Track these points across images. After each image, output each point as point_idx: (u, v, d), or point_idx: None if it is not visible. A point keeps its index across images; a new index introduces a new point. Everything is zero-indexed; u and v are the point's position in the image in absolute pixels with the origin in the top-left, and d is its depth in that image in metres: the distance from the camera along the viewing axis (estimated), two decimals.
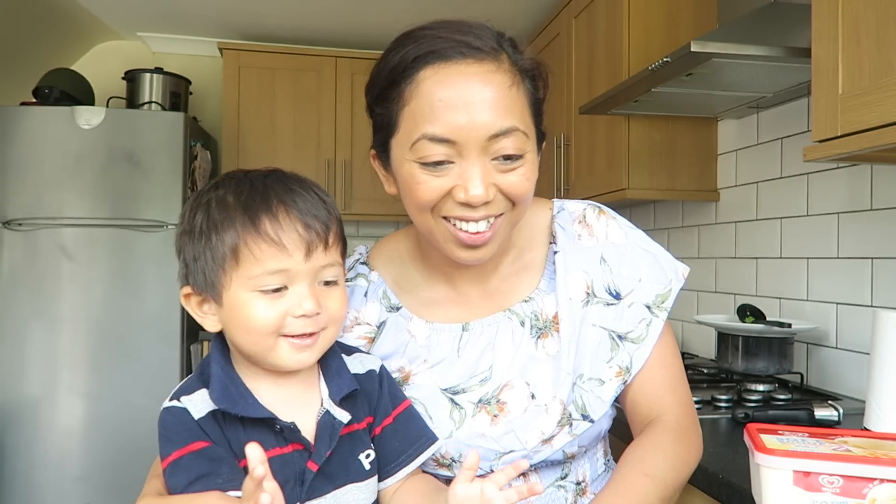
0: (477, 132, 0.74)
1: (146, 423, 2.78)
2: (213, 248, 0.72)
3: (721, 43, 1.57)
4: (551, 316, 0.88)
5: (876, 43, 1.14)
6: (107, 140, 2.78)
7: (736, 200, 2.23)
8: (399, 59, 0.78)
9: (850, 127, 1.18)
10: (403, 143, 0.78)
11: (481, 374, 0.86)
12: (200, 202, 0.75)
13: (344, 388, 0.77)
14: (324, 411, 0.76)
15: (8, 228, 2.72)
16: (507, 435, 0.84)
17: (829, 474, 0.76)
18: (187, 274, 0.76)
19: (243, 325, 0.72)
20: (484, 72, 0.76)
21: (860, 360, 1.70)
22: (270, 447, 0.71)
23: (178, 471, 0.68)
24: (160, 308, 2.81)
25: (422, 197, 0.78)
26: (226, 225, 0.72)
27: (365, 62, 3.42)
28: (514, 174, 0.78)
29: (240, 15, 3.17)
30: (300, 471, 0.72)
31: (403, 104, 0.78)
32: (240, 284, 0.72)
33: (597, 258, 0.90)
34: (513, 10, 2.98)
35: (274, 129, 3.35)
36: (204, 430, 0.71)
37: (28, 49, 3.05)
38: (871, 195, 1.68)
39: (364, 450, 0.78)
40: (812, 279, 1.89)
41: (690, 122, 2.28)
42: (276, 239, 0.71)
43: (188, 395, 0.73)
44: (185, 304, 0.77)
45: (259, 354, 0.74)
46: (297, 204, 0.73)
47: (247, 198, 0.73)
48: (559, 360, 0.86)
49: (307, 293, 0.72)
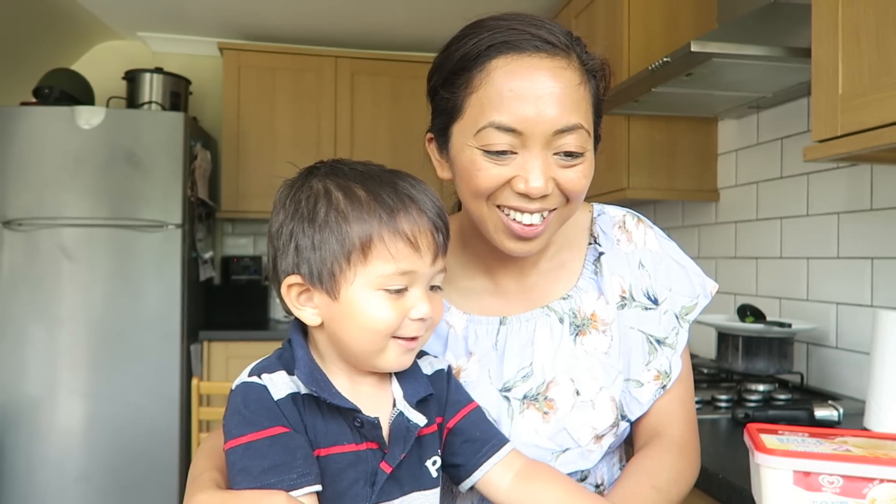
0: (543, 125, 0.75)
1: (146, 423, 2.78)
2: (339, 238, 0.69)
3: (721, 43, 1.57)
4: (589, 314, 0.89)
5: (876, 43, 1.14)
6: (107, 140, 2.78)
7: (736, 200, 2.23)
8: (472, 46, 0.78)
9: (850, 127, 1.19)
10: (467, 129, 0.79)
11: (523, 370, 0.86)
12: (315, 189, 0.71)
13: (420, 391, 0.75)
14: (397, 412, 0.73)
15: (8, 228, 2.72)
16: (560, 433, 0.84)
17: (829, 474, 0.76)
18: (298, 262, 0.71)
19: (363, 324, 0.69)
20: (555, 67, 0.77)
21: (860, 360, 1.70)
22: (346, 442, 0.70)
23: (252, 455, 0.66)
24: (160, 308, 2.81)
25: (481, 184, 0.78)
26: (359, 217, 0.68)
27: (365, 62, 3.42)
28: (573, 171, 0.79)
29: (240, 15, 3.17)
30: (372, 471, 0.70)
31: (472, 91, 0.78)
32: (365, 281, 0.69)
33: (635, 263, 0.92)
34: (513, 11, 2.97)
35: (274, 129, 3.35)
36: (283, 413, 0.68)
37: (28, 49, 3.05)
38: (871, 195, 1.68)
39: (431, 456, 0.75)
40: (812, 279, 1.89)
41: (690, 122, 2.28)
42: (413, 239, 0.69)
43: (269, 374, 0.70)
44: (286, 294, 0.72)
45: (365, 354, 0.71)
46: (427, 204, 0.71)
47: (378, 191, 0.70)
48: (606, 357, 0.87)
49: (424, 296, 0.71)
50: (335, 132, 3.40)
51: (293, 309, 0.73)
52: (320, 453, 0.69)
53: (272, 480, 0.65)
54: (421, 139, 0.91)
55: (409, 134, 3.45)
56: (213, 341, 3.04)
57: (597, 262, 0.91)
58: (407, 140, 3.44)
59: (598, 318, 0.88)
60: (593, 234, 0.93)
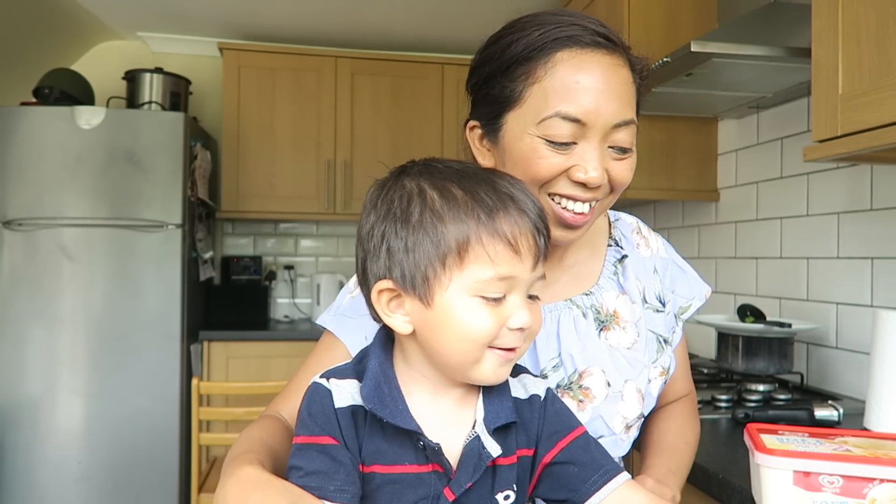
0: (605, 118, 0.79)
1: (146, 423, 2.78)
2: (434, 240, 0.64)
3: (721, 43, 1.57)
4: (612, 311, 0.92)
5: (876, 43, 1.14)
6: (107, 140, 2.78)
7: (736, 200, 2.23)
8: (536, 38, 0.80)
9: (850, 127, 1.19)
10: (527, 118, 0.81)
11: (552, 361, 0.88)
12: (409, 189, 0.67)
13: (502, 418, 0.69)
14: (474, 435, 0.68)
15: (8, 228, 2.72)
16: (595, 420, 0.86)
17: (829, 474, 0.76)
18: (389, 266, 0.66)
19: (458, 333, 0.65)
20: (614, 64, 0.80)
21: (860, 360, 1.70)
22: (409, 462, 0.66)
23: (301, 455, 0.65)
24: (160, 308, 2.81)
25: (541, 171, 0.80)
26: (456, 217, 0.64)
27: (365, 62, 3.42)
28: (623, 164, 0.82)
29: (240, 15, 3.17)
30: (435, 495, 0.66)
31: (534, 81, 0.80)
32: (461, 287, 0.64)
33: (651, 268, 0.97)
34: (513, 11, 2.97)
35: (274, 129, 3.35)
36: (339, 423, 0.65)
37: (28, 49, 3.05)
38: (871, 195, 1.68)
39: (504, 489, 0.69)
40: (812, 279, 1.89)
41: (690, 122, 2.28)
42: (514, 241, 0.64)
43: (338, 380, 0.68)
44: (376, 300, 0.68)
45: (460, 365, 0.67)
46: (528, 205, 0.67)
47: (476, 190, 0.66)
48: (630, 353, 0.91)
49: (523, 304, 0.66)
50: (335, 132, 3.40)
51: (383, 316, 0.69)
52: (377, 469, 0.66)
53: (313, 484, 0.64)
54: (421, 139, 0.92)
55: (409, 134, 3.45)
56: (213, 341, 3.04)
57: (618, 264, 0.95)
58: (407, 140, 3.44)
59: (620, 316, 0.92)
60: (613, 238, 0.97)
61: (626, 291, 0.93)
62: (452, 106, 3.49)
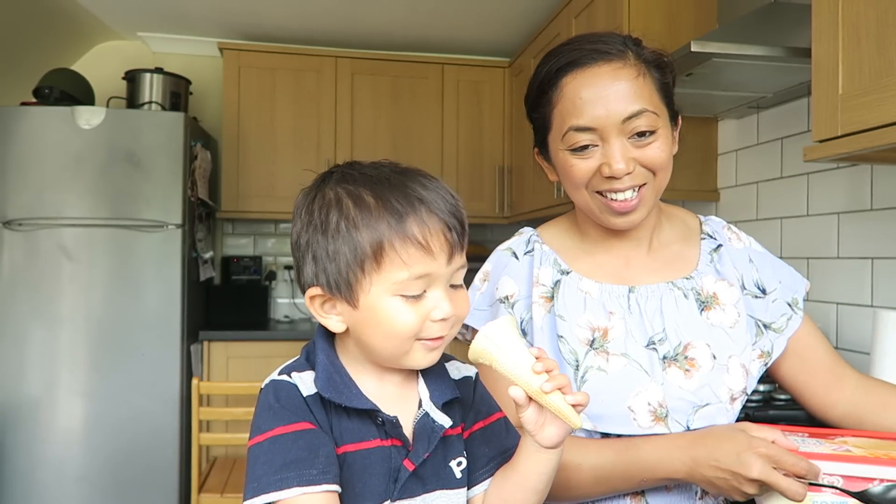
0: (613, 118, 0.91)
1: (146, 423, 2.78)
2: (352, 247, 0.69)
3: (721, 43, 1.57)
4: (712, 293, 1.00)
5: (876, 43, 1.14)
6: (107, 140, 2.77)
7: (736, 200, 2.23)
8: (545, 72, 0.97)
9: (850, 127, 1.18)
10: (556, 137, 0.96)
11: (657, 335, 0.96)
12: (328, 198, 0.72)
13: (447, 394, 0.77)
14: (423, 413, 0.75)
15: (8, 228, 2.72)
16: (702, 388, 0.94)
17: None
18: (316, 273, 0.72)
19: (384, 330, 0.71)
20: (612, 69, 0.92)
21: (860, 360, 1.70)
22: (372, 437, 0.72)
23: (277, 448, 0.67)
24: (160, 308, 2.81)
25: (576, 176, 0.95)
26: (369, 224, 0.69)
27: (365, 62, 3.42)
28: (649, 148, 0.93)
29: (240, 15, 3.17)
30: (395, 468, 0.72)
31: (552, 107, 0.96)
32: (382, 288, 0.70)
33: (746, 258, 1.06)
34: (513, 10, 2.98)
35: (274, 129, 3.35)
36: (311, 410, 0.70)
37: (28, 49, 3.05)
38: (871, 195, 1.68)
39: (456, 457, 0.77)
40: (812, 279, 1.89)
41: (690, 122, 2.28)
42: (424, 242, 0.69)
43: (298, 373, 0.74)
44: (309, 304, 0.74)
45: (393, 357, 0.73)
46: (438, 204, 0.71)
47: (387, 196, 0.70)
48: (732, 331, 0.98)
49: (444, 297, 0.71)
50: (335, 132, 3.40)
51: (318, 318, 0.75)
52: (348, 449, 0.71)
53: (290, 475, 0.66)
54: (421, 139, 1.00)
55: (409, 134, 3.45)
56: (213, 341, 3.04)
57: (713, 253, 1.04)
58: (407, 140, 3.44)
59: (720, 298, 1.00)
60: (706, 233, 1.08)
61: (724, 277, 1.01)
62: (452, 106, 3.49)
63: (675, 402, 0.92)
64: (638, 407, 0.92)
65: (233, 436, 2.29)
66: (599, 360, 0.94)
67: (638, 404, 0.92)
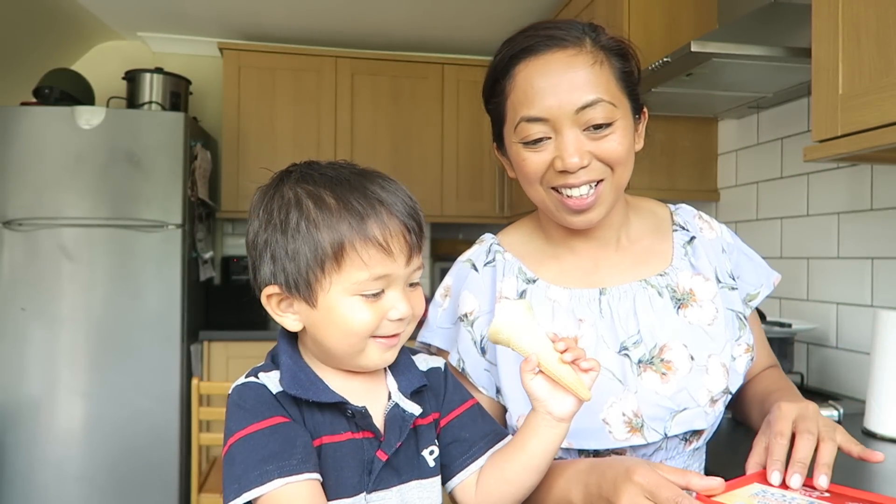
0: (565, 108, 0.85)
1: (146, 423, 2.78)
2: (311, 247, 0.70)
3: (721, 43, 1.57)
4: (688, 290, 0.95)
5: (876, 43, 1.14)
6: (107, 140, 2.77)
7: (736, 200, 2.23)
8: (498, 60, 0.91)
9: (850, 127, 1.18)
10: (510, 130, 0.91)
11: (632, 338, 0.91)
12: (287, 198, 0.72)
13: (414, 383, 0.78)
14: (392, 404, 0.76)
15: (8, 228, 2.72)
16: (680, 392, 0.89)
17: None
18: (274, 272, 0.72)
19: (342, 329, 0.71)
20: (566, 57, 0.86)
21: (860, 360, 1.70)
22: (344, 430, 0.72)
23: (252, 445, 0.67)
24: (160, 308, 2.81)
25: (528, 171, 0.89)
26: (330, 224, 0.69)
27: (365, 62, 3.42)
28: (606, 141, 0.87)
29: (240, 15, 3.17)
30: (369, 459, 0.72)
31: (506, 97, 0.90)
32: (341, 288, 0.70)
33: (719, 248, 1.01)
34: (513, 10, 2.98)
35: (274, 129, 3.35)
36: (282, 405, 0.71)
37: (28, 49, 3.05)
38: (871, 195, 1.68)
39: (428, 446, 0.78)
40: (812, 279, 1.89)
41: (690, 122, 2.28)
42: (385, 244, 0.70)
43: (266, 373, 0.74)
44: (266, 303, 0.75)
45: (348, 356, 0.74)
46: (398, 206, 0.72)
47: (347, 197, 0.70)
48: (711, 328, 0.93)
49: (402, 297, 0.73)
50: (335, 132, 3.40)
51: (275, 316, 0.75)
52: (322, 441, 0.71)
53: (270, 467, 0.66)
54: (421, 139, 0.97)
55: (409, 134, 3.45)
56: (213, 341, 3.04)
57: (687, 245, 0.99)
58: (407, 140, 3.44)
59: (696, 294, 0.95)
60: (677, 223, 1.02)
61: (699, 271, 0.97)
62: (452, 106, 3.49)
63: (652, 408, 0.88)
64: (613, 419, 0.87)
65: None
66: None
67: (612, 416, 0.87)
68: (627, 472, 0.69)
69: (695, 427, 0.89)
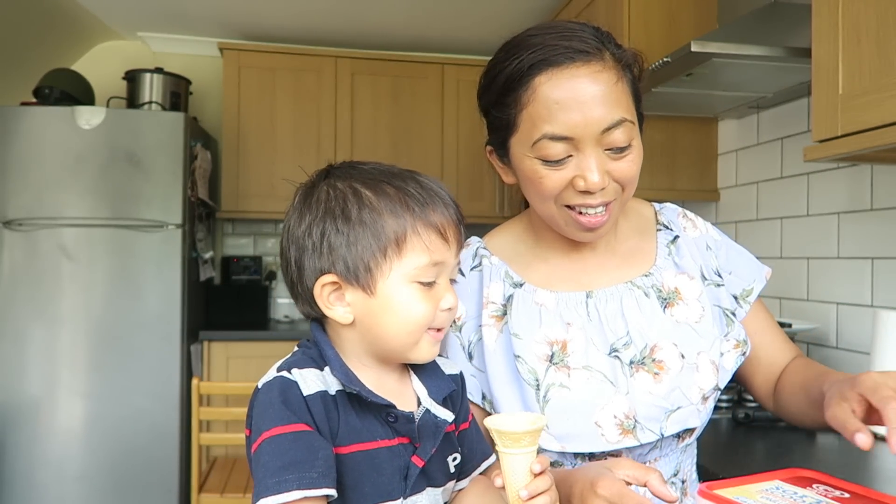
0: (591, 128, 0.82)
1: (146, 423, 2.78)
2: (375, 233, 0.71)
3: (721, 43, 1.57)
4: (673, 289, 0.95)
5: (876, 43, 1.14)
6: (107, 140, 2.77)
7: (736, 200, 2.23)
8: (514, 68, 0.85)
9: (851, 127, 1.19)
10: (523, 142, 0.86)
11: (621, 339, 0.91)
12: (340, 189, 0.73)
13: (444, 389, 0.78)
14: (423, 409, 0.75)
15: (8, 228, 2.72)
16: (673, 392, 0.89)
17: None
18: (332, 261, 0.72)
19: (401, 317, 0.71)
20: (592, 72, 0.83)
21: (860, 360, 1.70)
22: (378, 438, 0.71)
23: (273, 449, 0.65)
24: (160, 308, 2.81)
25: (546, 189, 0.86)
26: (392, 211, 0.71)
27: (365, 62, 3.42)
28: (624, 161, 0.85)
29: (240, 15, 3.17)
30: (404, 465, 0.72)
31: (521, 108, 0.85)
32: (400, 273, 0.71)
33: (703, 245, 1.01)
34: (513, 11, 2.98)
35: (274, 129, 3.35)
36: (310, 410, 0.68)
37: (28, 49, 3.05)
38: (871, 195, 1.68)
39: (452, 452, 0.78)
40: (812, 279, 1.89)
41: (690, 122, 2.28)
42: (443, 231, 0.72)
43: (300, 370, 0.71)
44: (318, 293, 0.72)
45: (402, 347, 0.73)
46: (448, 199, 0.75)
47: (405, 187, 0.73)
48: (699, 326, 0.93)
49: (450, 287, 0.74)
50: (335, 132, 3.40)
51: (325, 308, 0.73)
52: (357, 448, 0.70)
53: (290, 477, 0.64)
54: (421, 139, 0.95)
55: (409, 134, 3.45)
56: (213, 341, 3.04)
57: (670, 245, 0.99)
58: (407, 140, 3.44)
59: (682, 292, 0.95)
60: (661, 223, 1.02)
61: (683, 270, 0.97)
62: (452, 106, 3.49)
63: (646, 409, 0.87)
64: (605, 421, 0.87)
65: (233, 436, 2.29)
66: (561, 376, 0.89)
67: (604, 418, 0.87)
68: (592, 485, 0.71)
69: (689, 425, 0.89)
